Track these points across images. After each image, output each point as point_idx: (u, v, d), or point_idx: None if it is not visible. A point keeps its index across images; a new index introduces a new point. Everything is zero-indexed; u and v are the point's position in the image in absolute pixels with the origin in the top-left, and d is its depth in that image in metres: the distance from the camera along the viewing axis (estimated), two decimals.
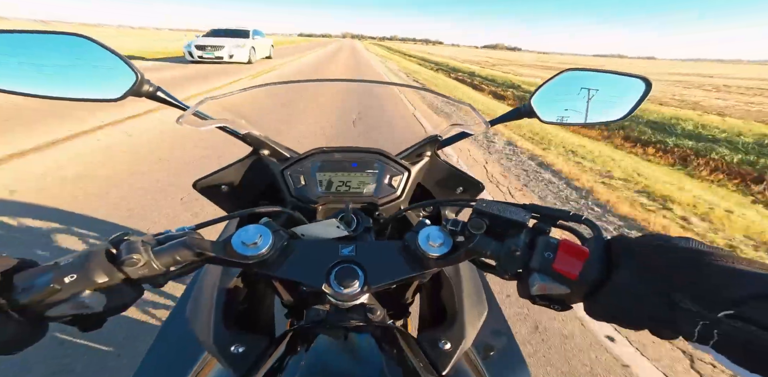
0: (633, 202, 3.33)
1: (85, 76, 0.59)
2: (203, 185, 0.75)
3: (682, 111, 9.62)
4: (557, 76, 0.69)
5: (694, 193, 3.76)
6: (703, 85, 21.93)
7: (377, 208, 0.73)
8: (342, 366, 0.41)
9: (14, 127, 4.04)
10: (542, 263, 0.37)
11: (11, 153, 3.30)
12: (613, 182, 3.85)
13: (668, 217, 3.08)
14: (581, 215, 0.41)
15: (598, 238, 0.36)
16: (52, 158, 3.31)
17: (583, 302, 0.36)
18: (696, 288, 0.27)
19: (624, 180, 3.93)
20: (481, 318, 0.62)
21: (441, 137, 0.76)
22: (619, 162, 4.64)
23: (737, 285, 0.25)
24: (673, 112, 9.11)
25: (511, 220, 0.41)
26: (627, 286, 0.32)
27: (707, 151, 5.65)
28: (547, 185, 3.72)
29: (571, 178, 3.89)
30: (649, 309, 0.31)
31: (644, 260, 0.32)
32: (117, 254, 0.38)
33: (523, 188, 3.63)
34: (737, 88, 20.22)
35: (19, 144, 3.53)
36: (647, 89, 0.63)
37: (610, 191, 3.57)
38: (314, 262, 0.48)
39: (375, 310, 0.51)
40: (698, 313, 0.26)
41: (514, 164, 4.31)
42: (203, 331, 0.52)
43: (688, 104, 11.89)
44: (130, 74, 0.58)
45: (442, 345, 0.52)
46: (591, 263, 0.34)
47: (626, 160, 4.97)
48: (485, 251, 0.42)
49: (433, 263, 0.46)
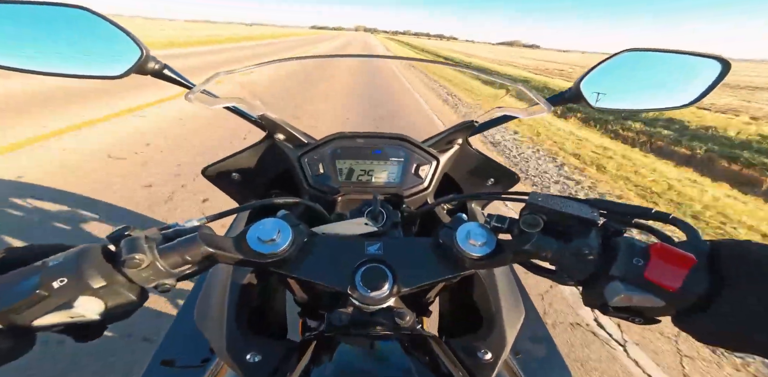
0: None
1: (85, 51, 0.53)
2: (213, 171, 0.70)
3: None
4: (613, 58, 0.61)
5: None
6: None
7: (403, 200, 0.67)
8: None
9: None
10: (629, 271, 0.31)
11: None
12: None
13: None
14: (668, 214, 0.34)
15: (698, 242, 0.31)
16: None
17: (675, 315, 0.30)
18: None
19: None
20: (518, 322, 0.56)
21: (477, 123, 0.69)
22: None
23: None
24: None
25: (577, 217, 0.35)
26: (743, 305, 0.26)
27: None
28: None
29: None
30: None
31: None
32: (117, 253, 0.32)
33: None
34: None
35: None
36: (724, 70, 0.55)
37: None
38: (338, 261, 0.43)
39: (404, 315, 0.46)
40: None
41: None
42: (215, 336, 0.48)
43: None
44: (135, 50, 0.52)
45: (482, 354, 0.47)
46: (698, 273, 0.29)
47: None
48: (544, 254, 0.36)
49: (473, 264, 0.41)
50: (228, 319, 0.48)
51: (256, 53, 16.01)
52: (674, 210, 3.11)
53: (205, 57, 11.98)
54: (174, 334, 0.63)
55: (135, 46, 0.52)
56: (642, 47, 0.60)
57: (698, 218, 2.99)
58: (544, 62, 35.40)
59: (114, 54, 0.53)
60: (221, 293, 0.53)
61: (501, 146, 4.68)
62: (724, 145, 5.84)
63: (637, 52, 0.61)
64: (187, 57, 11.60)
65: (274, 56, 9.43)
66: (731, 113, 9.25)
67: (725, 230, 2.83)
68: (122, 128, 3.95)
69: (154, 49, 0.70)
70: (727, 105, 11.15)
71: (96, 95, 5.03)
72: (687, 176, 4.22)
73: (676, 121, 7.10)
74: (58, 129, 3.66)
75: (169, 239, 0.36)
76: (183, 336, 0.62)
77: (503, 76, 0.69)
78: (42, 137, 3.41)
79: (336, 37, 56.49)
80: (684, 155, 5.48)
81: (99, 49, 0.53)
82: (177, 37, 19.46)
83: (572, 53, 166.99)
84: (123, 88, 5.37)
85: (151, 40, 14.66)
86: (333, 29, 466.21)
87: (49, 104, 4.52)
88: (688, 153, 5.52)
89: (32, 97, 4.73)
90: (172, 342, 0.62)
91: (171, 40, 17.01)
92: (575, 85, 0.63)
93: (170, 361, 0.58)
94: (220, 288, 0.54)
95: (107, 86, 5.27)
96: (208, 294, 0.56)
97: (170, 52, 13.15)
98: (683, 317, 0.30)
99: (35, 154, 3.06)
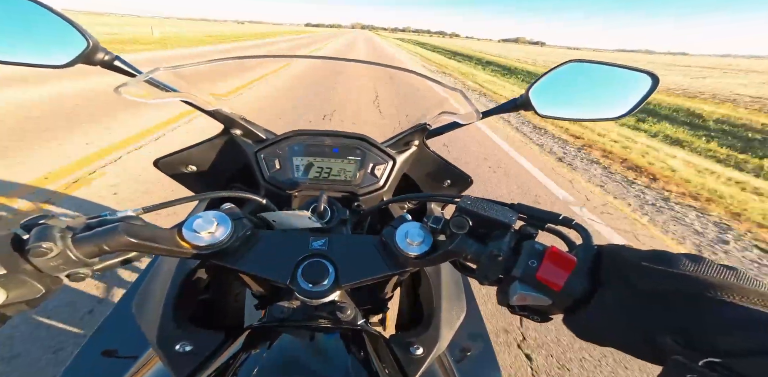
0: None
1: (29, 40, 0.52)
2: (166, 163, 0.69)
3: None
4: (560, 67, 0.64)
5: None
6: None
7: (357, 198, 0.69)
8: (302, 370, 0.37)
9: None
10: (525, 272, 0.33)
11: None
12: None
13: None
14: (572, 219, 0.38)
15: (588, 247, 0.33)
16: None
17: (563, 314, 0.33)
18: (688, 334, 0.24)
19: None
20: (458, 320, 0.59)
21: (430, 126, 0.71)
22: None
23: (738, 336, 0.22)
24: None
25: (496, 220, 0.38)
26: (609, 310, 0.29)
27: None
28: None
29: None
30: (631, 340, 0.27)
31: (635, 282, 0.28)
32: (25, 241, 0.32)
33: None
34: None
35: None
36: (654, 85, 0.59)
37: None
38: (281, 255, 0.44)
39: (345, 309, 0.48)
40: (686, 366, 0.22)
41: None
42: (149, 325, 0.48)
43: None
44: (81, 40, 0.51)
45: (414, 350, 0.49)
46: (576, 276, 0.31)
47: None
48: (465, 254, 0.38)
49: (411, 262, 0.43)
50: (164, 309, 0.49)
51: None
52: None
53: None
54: (108, 324, 0.63)
55: (81, 37, 0.51)
56: (585, 59, 0.63)
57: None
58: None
59: (60, 44, 0.52)
60: (162, 283, 0.53)
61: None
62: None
63: (581, 64, 0.64)
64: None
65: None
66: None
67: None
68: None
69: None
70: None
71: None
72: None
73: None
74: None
75: (92, 228, 0.36)
76: (118, 327, 0.62)
77: (445, 84, 0.71)
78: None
79: (331, 38, 45.05)
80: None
81: (44, 38, 0.52)
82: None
83: (583, 51, 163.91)
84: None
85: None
86: (329, 27, 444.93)
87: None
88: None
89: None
90: (105, 331, 0.62)
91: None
92: (525, 92, 0.66)
93: (107, 350, 0.58)
94: (162, 279, 0.55)
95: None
96: (150, 283, 0.57)
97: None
98: (567, 315, 0.32)
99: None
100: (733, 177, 4.33)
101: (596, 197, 3.38)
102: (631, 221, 2.96)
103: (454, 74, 13.39)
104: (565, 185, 3.56)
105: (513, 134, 5.38)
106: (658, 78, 0.58)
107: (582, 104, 0.66)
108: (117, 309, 0.66)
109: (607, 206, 3.19)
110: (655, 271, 0.27)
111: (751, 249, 2.74)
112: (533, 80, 0.65)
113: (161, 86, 0.56)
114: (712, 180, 4.11)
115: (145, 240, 0.36)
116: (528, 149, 4.69)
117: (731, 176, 4.37)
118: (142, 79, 0.52)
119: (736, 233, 2.94)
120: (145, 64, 0.62)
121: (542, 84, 0.65)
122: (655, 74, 0.58)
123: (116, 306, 0.67)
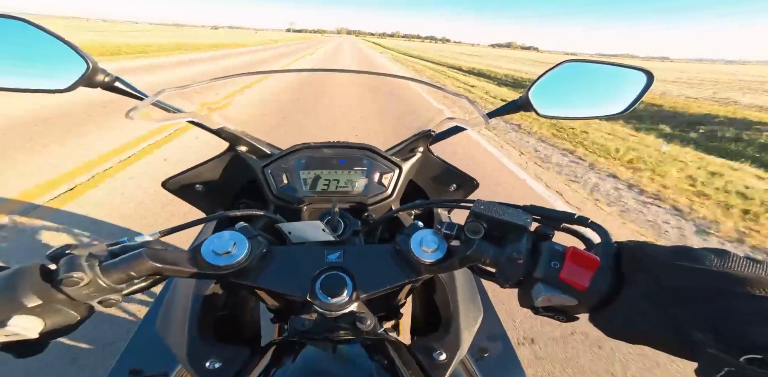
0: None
1: (27, 64, 0.51)
2: (175, 184, 0.69)
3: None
4: (556, 68, 0.65)
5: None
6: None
7: (366, 208, 0.69)
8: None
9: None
10: (548, 273, 0.34)
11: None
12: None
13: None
14: (587, 218, 0.38)
15: (607, 244, 0.34)
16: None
17: (589, 313, 0.33)
18: (720, 327, 0.24)
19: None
20: (476, 323, 0.59)
21: (434, 132, 0.72)
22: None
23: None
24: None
25: (511, 223, 0.38)
26: (637, 307, 0.29)
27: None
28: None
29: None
30: (662, 337, 0.28)
31: (659, 279, 0.28)
32: (55, 272, 0.33)
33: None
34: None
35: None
36: (649, 82, 0.60)
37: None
38: (298, 270, 0.45)
39: (365, 319, 0.48)
40: (722, 359, 0.23)
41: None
42: (177, 343, 0.48)
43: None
44: (81, 63, 0.50)
45: (437, 355, 0.49)
46: (600, 275, 0.32)
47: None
48: (484, 259, 0.39)
49: (427, 269, 0.43)
50: (189, 326, 0.49)
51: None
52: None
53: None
54: (138, 342, 0.63)
55: (80, 59, 0.50)
56: (581, 59, 0.64)
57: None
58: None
59: (59, 67, 0.51)
60: (183, 302, 0.53)
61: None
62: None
63: (577, 63, 0.66)
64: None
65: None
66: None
67: None
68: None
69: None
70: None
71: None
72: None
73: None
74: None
75: (115, 255, 0.36)
76: (147, 343, 0.62)
77: (450, 90, 0.72)
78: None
79: (314, 46, 36.42)
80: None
81: (43, 61, 0.51)
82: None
83: (581, 56, 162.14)
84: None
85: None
86: (313, 32, 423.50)
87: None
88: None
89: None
90: (136, 350, 0.62)
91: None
92: (525, 93, 0.67)
93: (135, 370, 0.58)
94: (182, 297, 0.54)
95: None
96: (171, 302, 0.56)
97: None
98: (594, 314, 0.32)
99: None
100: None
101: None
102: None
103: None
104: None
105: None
106: (653, 75, 0.60)
107: (581, 103, 0.68)
108: (141, 328, 0.66)
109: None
110: (682, 267, 0.27)
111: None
112: (532, 81, 0.66)
113: (167, 108, 0.56)
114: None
115: (168, 264, 0.37)
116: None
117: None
118: (149, 102, 0.52)
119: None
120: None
121: (541, 85, 0.66)
122: (650, 71, 0.60)
123: (140, 325, 0.66)
